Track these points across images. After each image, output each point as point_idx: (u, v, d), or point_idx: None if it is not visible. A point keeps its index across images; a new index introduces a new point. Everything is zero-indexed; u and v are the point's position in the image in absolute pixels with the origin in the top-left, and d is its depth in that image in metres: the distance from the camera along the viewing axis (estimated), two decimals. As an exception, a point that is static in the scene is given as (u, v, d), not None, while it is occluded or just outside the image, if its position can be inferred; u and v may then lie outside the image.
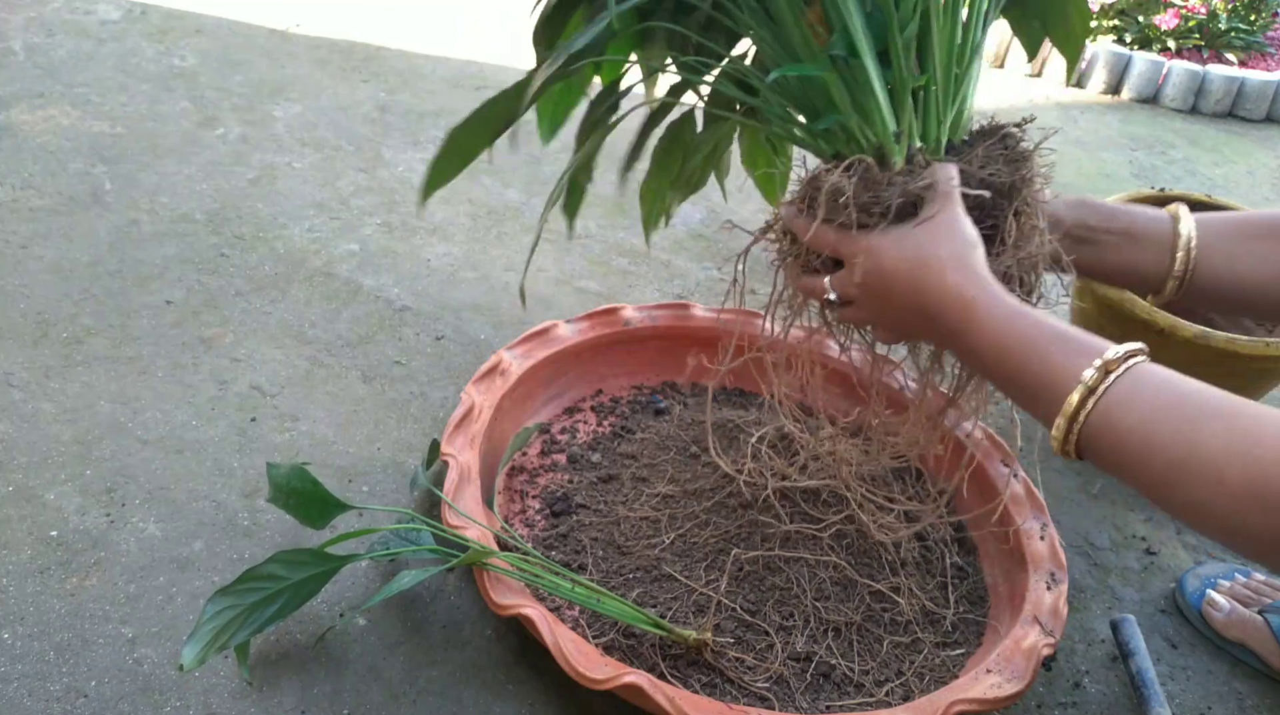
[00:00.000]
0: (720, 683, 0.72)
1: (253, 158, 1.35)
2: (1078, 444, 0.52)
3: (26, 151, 1.27)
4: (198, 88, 1.51)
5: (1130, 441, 0.49)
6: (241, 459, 0.89)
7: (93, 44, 1.58)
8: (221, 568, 0.78)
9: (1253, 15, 2.25)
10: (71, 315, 1.02)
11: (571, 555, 0.80)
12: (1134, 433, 0.48)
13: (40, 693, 0.68)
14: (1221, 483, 0.45)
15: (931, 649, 0.77)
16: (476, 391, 0.88)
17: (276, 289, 1.11)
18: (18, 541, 0.78)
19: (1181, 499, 0.47)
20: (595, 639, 0.73)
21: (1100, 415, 0.50)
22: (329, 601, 0.77)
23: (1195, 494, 0.46)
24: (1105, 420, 0.50)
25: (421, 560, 0.79)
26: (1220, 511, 0.45)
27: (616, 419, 0.97)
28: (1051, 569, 0.80)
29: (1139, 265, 0.68)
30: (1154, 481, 0.48)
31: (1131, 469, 0.49)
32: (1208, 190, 1.72)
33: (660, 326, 1.01)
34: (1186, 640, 0.86)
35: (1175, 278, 0.67)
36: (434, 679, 0.73)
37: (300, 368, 1.00)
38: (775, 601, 0.76)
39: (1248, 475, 0.44)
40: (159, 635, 0.73)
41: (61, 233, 1.14)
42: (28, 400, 0.91)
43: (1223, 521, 0.46)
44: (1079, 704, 0.79)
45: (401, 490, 0.88)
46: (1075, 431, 0.51)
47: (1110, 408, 0.49)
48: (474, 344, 1.08)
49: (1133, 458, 0.49)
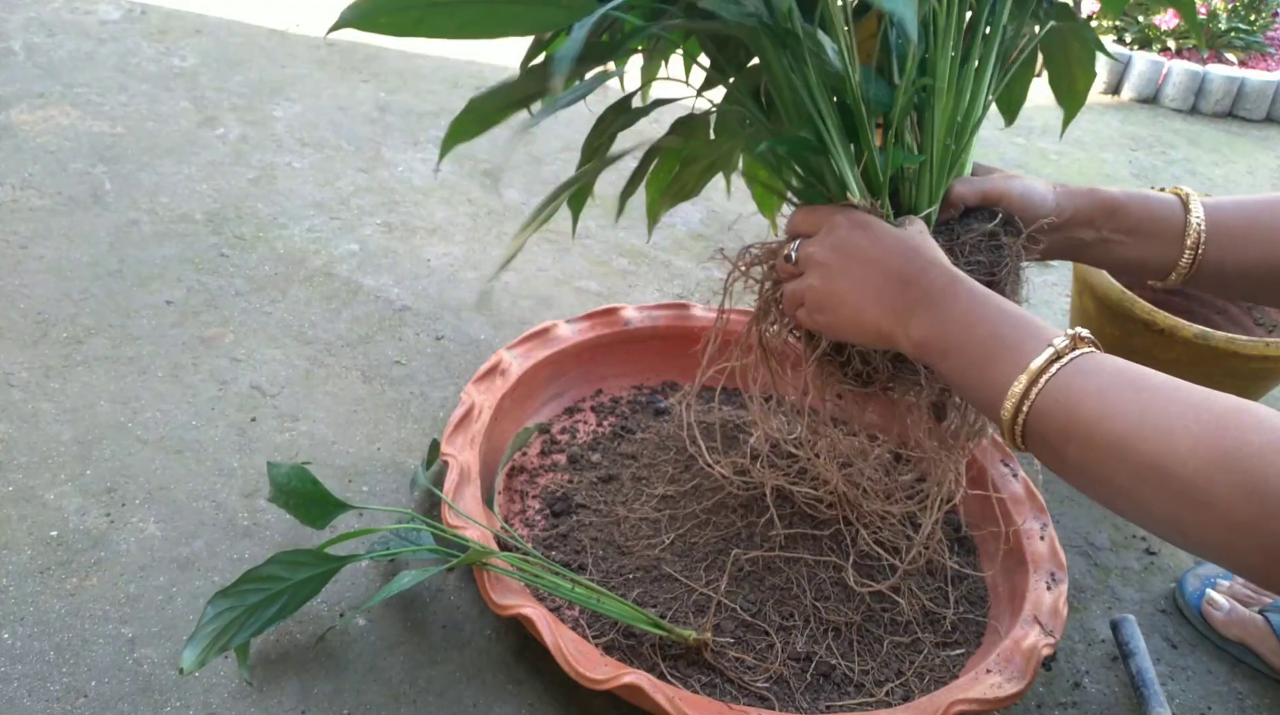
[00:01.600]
0: (720, 683, 0.72)
1: (253, 158, 1.35)
2: (1027, 419, 0.50)
3: (26, 151, 1.27)
4: (198, 88, 1.51)
5: (1084, 409, 0.48)
6: (241, 459, 0.89)
7: (93, 44, 1.58)
8: (221, 568, 0.78)
9: (1253, 15, 2.25)
10: (71, 315, 1.02)
11: (571, 555, 0.80)
12: (1088, 399, 0.48)
13: (40, 692, 0.68)
14: (1172, 440, 0.44)
15: (931, 649, 0.77)
16: (476, 391, 0.88)
17: (276, 289, 1.11)
18: (18, 541, 0.78)
19: (1133, 465, 0.46)
20: (595, 639, 0.73)
21: (1058, 384, 0.49)
22: (329, 601, 0.77)
23: (1148, 455, 0.45)
24: (1064, 391, 0.49)
25: (421, 560, 0.79)
26: (1177, 474, 0.44)
27: (616, 419, 0.97)
28: (1051, 569, 0.80)
29: (1146, 260, 0.67)
30: (1105, 450, 0.47)
31: (1078, 440, 0.48)
32: (1208, 190, 1.72)
33: (660, 326, 1.01)
34: (1186, 640, 0.86)
35: (1182, 267, 0.66)
36: (434, 679, 0.73)
37: (300, 368, 1.00)
38: (775, 601, 0.76)
39: (1201, 432, 0.43)
40: (159, 635, 0.73)
41: (61, 233, 1.14)
42: (28, 400, 0.91)
43: (1178, 487, 0.44)
44: (1079, 704, 0.79)
45: (401, 490, 0.88)
46: (1033, 394, 0.50)
47: (1071, 377, 0.49)
48: (474, 344, 1.08)
49: (1083, 427, 0.48)
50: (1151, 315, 0.94)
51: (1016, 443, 0.52)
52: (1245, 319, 1.11)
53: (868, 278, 0.57)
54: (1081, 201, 0.67)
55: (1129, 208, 0.67)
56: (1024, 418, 0.50)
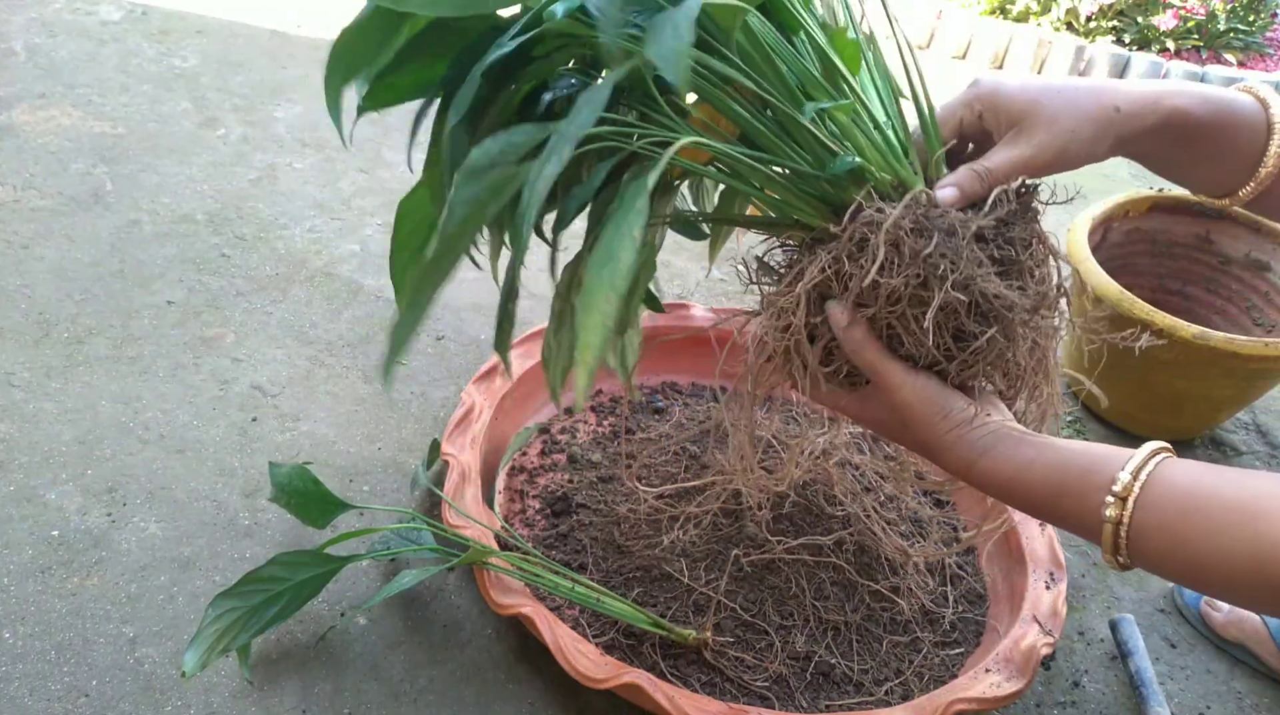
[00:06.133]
0: (720, 682, 0.72)
1: (254, 158, 1.35)
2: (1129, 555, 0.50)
3: (28, 152, 1.27)
4: (199, 88, 1.51)
5: (1164, 554, 0.48)
6: (242, 459, 0.89)
7: (94, 45, 1.58)
8: (222, 567, 0.79)
9: (1251, 16, 2.25)
10: (73, 315, 1.02)
11: (571, 555, 0.81)
12: (1162, 549, 0.48)
13: (42, 692, 0.68)
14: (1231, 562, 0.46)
15: (931, 648, 0.77)
16: (477, 391, 0.88)
17: (277, 289, 1.11)
18: (19, 541, 0.78)
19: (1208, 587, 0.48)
20: (595, 638, 0.73)
21: (1134, 538, 0.49)
22: (330, 601, 0.77)
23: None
24: (1139, 541, 0.49)
25: (422, 560, 0.79)
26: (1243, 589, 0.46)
27: (616, 419, 0.98)
28: (1050, 568, 0.80)
29: (1219, 183, 0.59)
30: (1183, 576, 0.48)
31: (1172, 572, 0.49)
32: (1207, 191, 1.72)
33: (660, 326, 1.01)
34: (1185, 640, 0.86)
35: (1254, 185, 0.58)
36: (434, 678, 0.73)
37: (301, 368, 1.01)
38: (775, 601, 0.77)
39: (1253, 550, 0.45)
40: (160, 635, 0.73)
41: (63, 233, 1.14)
42: (29, 400, 0.91)
43: (1250, 595, 0.46)
44: (1078, 703, 0.79)
45: (402, 490, 0.89)
46: (1120, 558, 0.50)
47: (1140, 529, 0.49)
48: (474, 344, 1.08)
49: (1171, 564, 0.49)
50: (1151, 315, 0.94)
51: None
52: (1244, 319, 1.11)
53: (907, 444, 0.59)
54: (1144, 127, 0.56)
55: (1205, 137, 0.57)
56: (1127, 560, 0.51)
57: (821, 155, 0.55)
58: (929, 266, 0.51)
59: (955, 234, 0.52)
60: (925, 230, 0.52)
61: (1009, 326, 0.54)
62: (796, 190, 0.56)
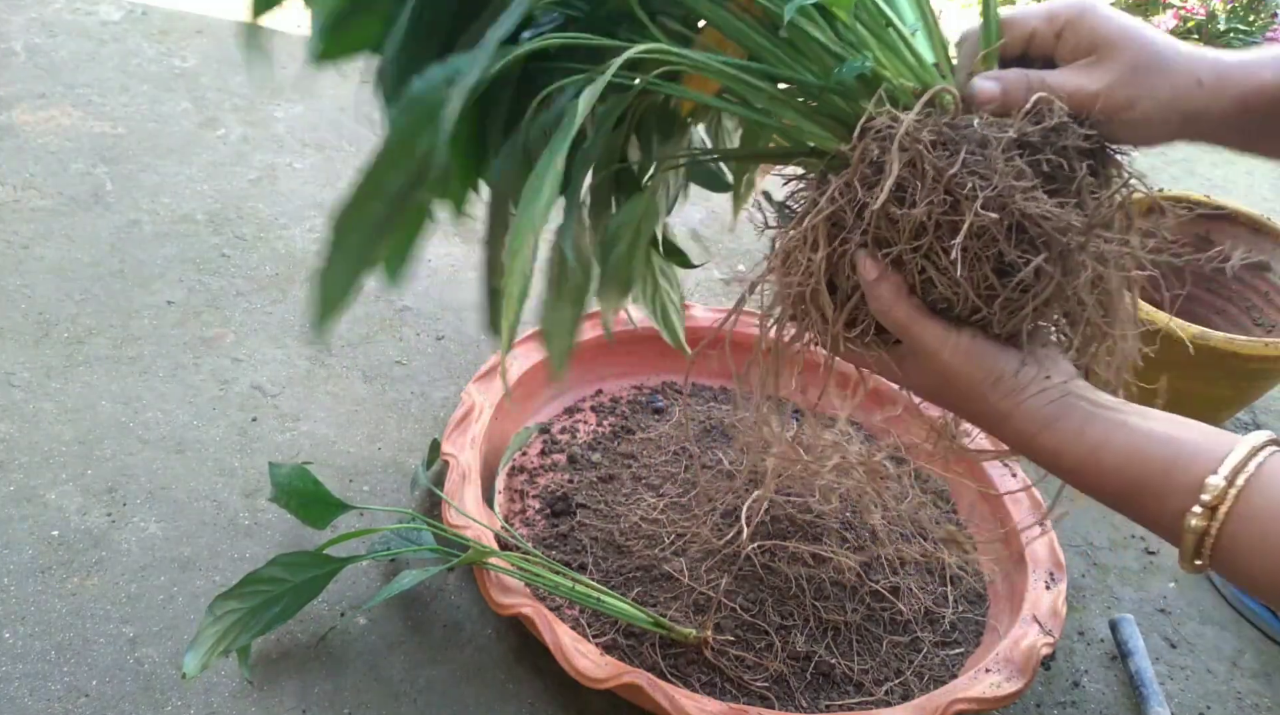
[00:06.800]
0: (720, 681, 0.72)
1: (254, 158, 1.35)
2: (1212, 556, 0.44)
3: (28, 152, 1.27)
4: (199, 88, 1.51)
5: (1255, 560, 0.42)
6: (243, 459, 0.89)
7: (94, 44, 1.58)
8: (223, 567, 0.79)
9: (1252, 16, 2.25)
10: (73, 315, 1.02)
11: (571, 555, 0.81)
12: (1256, 569, 0.42)
13: (41, 692, 0.68)
14: None
15: (931, 648, 0.77)
16: (477, 391, 0.88)
17: (277, 289, 1.11)
18: (19, 541, 0.78)
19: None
20: (595, 638, 0.73)
21: (1221, 549, 0.42)
22: (330, 601, 0.77)
23: None
24: (1228, 554, 0.42)
25: (422, 560, 0.79)
26: None
27: (616, 419, 0.98)
28: (1050, 568, 0.80)
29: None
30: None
31: (1264, 591, 0.43)
32: (1207, 190, 1.72)
33: (660, 327, 1.01)
34: (1185, 640, 0.86)
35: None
36: (435, 678, 0.73)
37: (301, 368, 1.01)
38: (775, 601, 0.77)
39: None
40: (160, 635, 0.73)
41: (63, 233, 1.14)
42: (29, 400, 0.91)
43: None
44: (1078, 703, 0.79)
45: (402, 490, 0.89)
46: (1199, 562, 0.44)
47: (1231, 541, 0.42)
48: (474, 344, 1.08)
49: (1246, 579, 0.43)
50: (1151, 315, 0.94)
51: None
52: (1245, 319, 1.11)
53: (956, 409, 0.52)
54: (1224, 106, 0.47)
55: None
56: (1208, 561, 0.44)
57: (830, 65, 0.47)
58: (956, 186, 0.43)
59: (989, 145, 0.43)
60: (950, 142, 0.43)
61: (1064, 253, 0.44)
62: (805, 109, 0.49)
